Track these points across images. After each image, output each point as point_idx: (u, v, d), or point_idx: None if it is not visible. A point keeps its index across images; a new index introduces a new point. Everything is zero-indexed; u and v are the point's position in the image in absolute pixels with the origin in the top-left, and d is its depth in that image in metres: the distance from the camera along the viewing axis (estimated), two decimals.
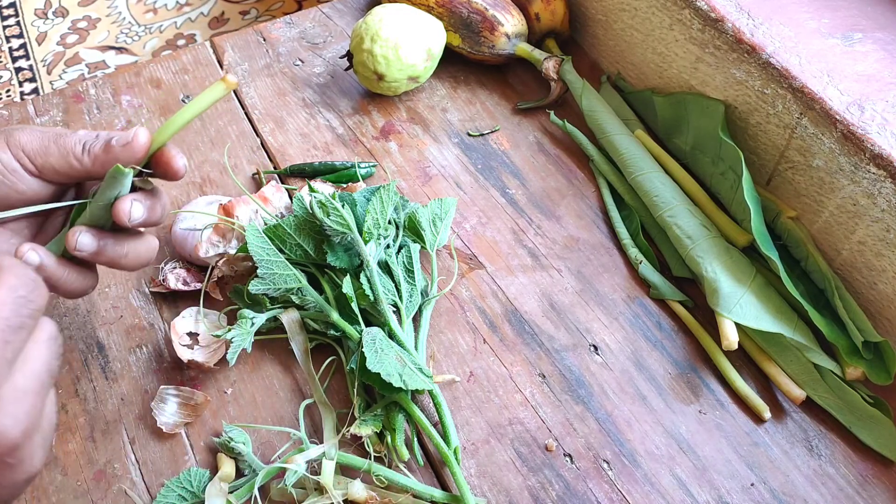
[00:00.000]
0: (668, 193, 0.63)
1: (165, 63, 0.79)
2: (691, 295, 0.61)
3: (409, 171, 0.70)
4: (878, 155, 0.53)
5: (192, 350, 0.57)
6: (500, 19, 0.74)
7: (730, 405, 0.55)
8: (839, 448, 0.53)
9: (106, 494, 0.52)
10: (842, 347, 0.55)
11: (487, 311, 0.61)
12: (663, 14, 0.68)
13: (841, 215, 0.58)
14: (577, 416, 0.55)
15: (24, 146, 0.43)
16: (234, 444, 0.50)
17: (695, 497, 0.51)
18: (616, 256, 0.64)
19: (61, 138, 0.43)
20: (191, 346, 0.57)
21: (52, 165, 0.43)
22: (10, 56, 1.29)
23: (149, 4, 1.35)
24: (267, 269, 0.54)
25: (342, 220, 0.54)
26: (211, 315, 0.59)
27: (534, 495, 0.51)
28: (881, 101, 0.55)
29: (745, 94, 0.62)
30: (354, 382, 0.54)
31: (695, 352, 0.58)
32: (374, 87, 0.73)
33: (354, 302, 0.54)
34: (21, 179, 0.43)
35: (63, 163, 0.43)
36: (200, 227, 0.60)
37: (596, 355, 0.58)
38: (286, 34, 0.83)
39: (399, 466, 0.51)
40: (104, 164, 0.43)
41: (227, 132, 0.73)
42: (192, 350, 0.57)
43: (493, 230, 0.66)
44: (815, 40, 0.60)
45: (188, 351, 0.56)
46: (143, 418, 0.55)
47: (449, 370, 0.57)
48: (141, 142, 0.43)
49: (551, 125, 0.74)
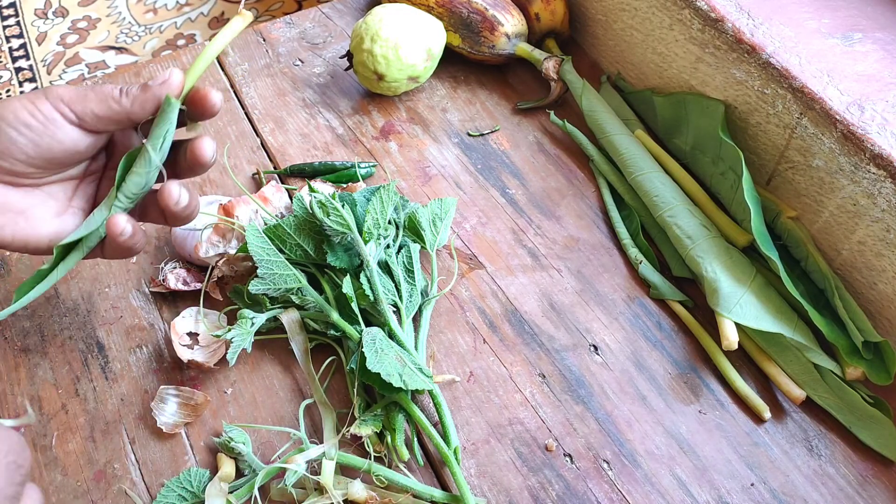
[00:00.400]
0: (668, 193, 0.63)
1: (165, 63, 0.79)
2: (691, 295, 0.61)
3: (409, 171, 0.70)
4: (878, 155, 0.53)
5: (192, 350, 0.57)
6: (500, 19, 0.74)
7: (730, 405, 0.55)
8: (839, 448, 0.53)
9: (106, 494, 0.52)
10: (842, 347, 0.55)
11: (487, 311, 0.61)
12: (663, 14, 0.68)
13: (841, 215, 0.58)
14: (577, 416, 0.55)
15: (63, 96, 0.45)
16: (234, 444, 0.50)
17: (695, 497, 0.51)
18: (616, 256, 0.64)
19: (98, 87, 0.46)
20: (191, 346, 0.57)
21: (91, 111, 0.45)
22: (10, 56, 1.29)
23: (149, 4, 1.35)
24: (267, 269, 0.54)
25: (342, 220, 0.54)
26: (211, 315, 0.59)
27: (534, 495, 0.51)
28: (881, 101, 0.55)
29: (745, 94, 0.62)
30: (354, 382, 0.54)
31: (695, 352, 0.58)
32: (374, 87, 0.73)
33: (354, 302, 0.54)
34: (61, 128, 0.45)
35: (103, 107, 0.45)
36: (200, 227, 0.60)
37: (596, 355, 0.58)
38: (286, 34, 0.83)
39: (399, 466, 0.51)
40: (143, 103, 0.45)
41: (226, 132, 0.73)
42: (192, 350, 0.57)
43: (493, 230, 0.66)
44: (815, 40, 0.60)
45: (188, 351, 0.56)
46: (143, 418, 0.55)
47: (449, 370, 0.57)
48: (176, 79, 0.45)
49: (551, 125, 0.74)
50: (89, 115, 0.45)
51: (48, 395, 0.56)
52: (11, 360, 0.58)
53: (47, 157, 0.45)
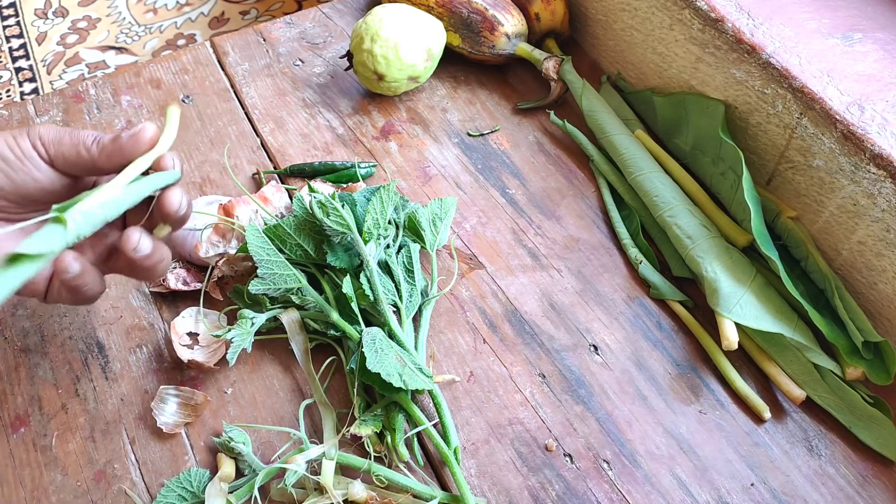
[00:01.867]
0: (668, 193, 0.63)
1: (165, 63, 0.79)
2: (691, 295, 0.61)
3: (409, 171, 0.70)
4: (878, 155, 0.53)
5: (192, 350, 0.57)
6: (500, 19, 0.74)
7: (730, 405, 0.55)
8: (839, 448, 0.53)
9: (106, 494, 0.52)
10: (842, 347, 0.55)
11: (487, 311, 0.61)
12: (663, 14, 0.68)
13: (841, 215, 0.58)
14: (577, 416, 0.55)
15: (42, 135, 0.46)
16: (234, 444, 0.50)
17: (695, 497, 0.51)
18: (616, 256, 0.64)
19: (77, 132, 0.46)
20: (191, 346, 0.57)
21: (63, 154, 0.46)
22: (10, 56, 1.28)
23: (149, 4, 1.35)
24: (267, 269, 0.54)
25: (342, 220, 0.54)
26: (211, 315, 0.59)
27: (534, 495, 0.51)
28: (881, 101, 0.55)
29: (745, 94, 0.62)
30: (354, 382, 0.54)
31: (695, 352, 0.58)
32: (374, 87, 0.73)
33: (354, 302, 0.54)
34: (37, 167, 0.46)
35: (73, 152, 0.46)
36: (200, 227, 0.60)
37: (596, 355, 0.58)
38: (286, 34, 0.83)
39: (399, 466, 0.51)
40: (110, 154, 0.45)
41: (227, 132, 0.73)
42: (192, 350, 0.57)
43: (493, 230, 0.66)
44: (815, 40, 0.60)
45: (188, 351, 0.56)
46: (143, 418, 0.55)
47: (449, 370, 0.57)
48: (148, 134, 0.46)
49: (551, 125, 0.74)
50: (60, 158, 0.46)
51: (48, 395, 0.56)
52: (11, 360, 0.58)
53: (22, 192, 0.46)
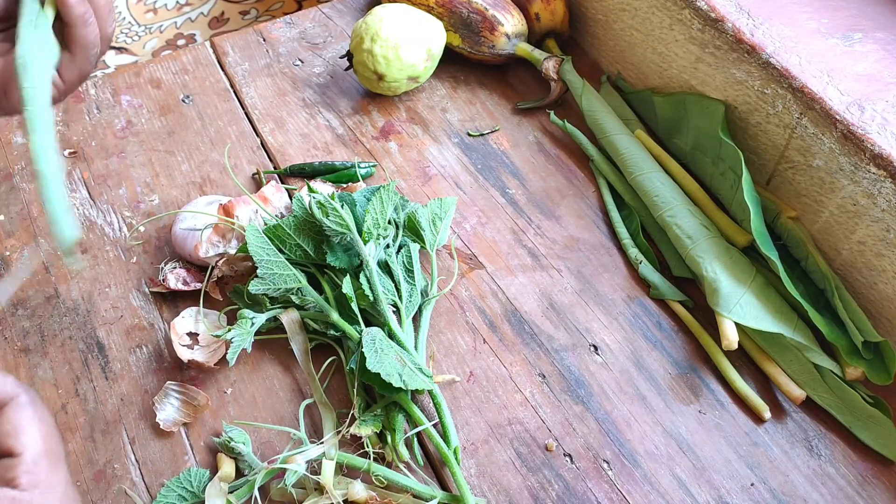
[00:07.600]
0: (668, 193, 0.63)
1: (165, 63, 0.79)
2: (691, 295, 0.61)
3: (409, 171, 0.70)
4: (878, 155, 0.53)
5: (192, 350, 0.57)
6: (500, 19, 0.74)
7: (730, 405, 0.55)
8: (839, 448, 0.53)
9: (106, 494, 0.52)
10: (842, 347, 0.55)
11: (487, 311, 0.61)
12: (663, 14, 0.68)
13: (841, 215, 0.58)
14: (577, 416, 0.55)
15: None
16: (234, 444, 0.50)
17: (695, 497, 0.51)
18: (616, 256, 0.64)
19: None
20: (191, 346, 0.57)
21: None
22: None
23: (149, 4, 1.35)
24: (267, 269, 0.54)
25: (342, 220, 0.54)
26: (211, 315, 0.59)
27: (534, 495, 0.51)
28: (881, 101, 0.55)
29: (745, 94, 0.62)
30: (354, 382, 0.54)
31: (695, 352, 0.58)
32: (374, 87, 0.73)
33: (354, 302, 0.54)
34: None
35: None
36: (200, 227, 0.60)
37: (596, 355, 0.58)
38: (286, 34, 0.83)
39: (399, 466, 0.51)
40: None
41: (227, 132, 0.73)
42: (192, 350, 0.57)
43: (493, 230, 0.66)
44: (815, 40, 0.60)
45: (188, 351, 0.56)
46: (143, 418, 0.55)
47: (449, 370, 0.57)
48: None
49: (551, 125, 0.74)
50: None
51: (48, 395, 0.56)
52: (11, 360, 0.58)
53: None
